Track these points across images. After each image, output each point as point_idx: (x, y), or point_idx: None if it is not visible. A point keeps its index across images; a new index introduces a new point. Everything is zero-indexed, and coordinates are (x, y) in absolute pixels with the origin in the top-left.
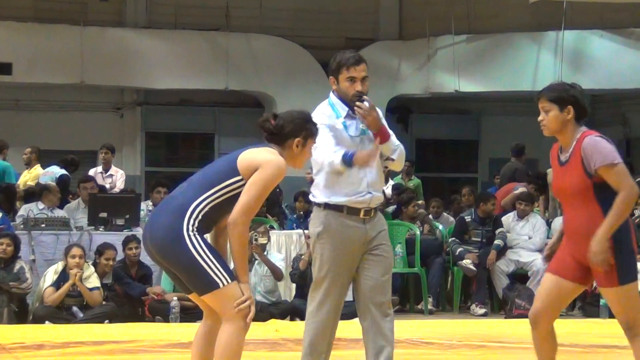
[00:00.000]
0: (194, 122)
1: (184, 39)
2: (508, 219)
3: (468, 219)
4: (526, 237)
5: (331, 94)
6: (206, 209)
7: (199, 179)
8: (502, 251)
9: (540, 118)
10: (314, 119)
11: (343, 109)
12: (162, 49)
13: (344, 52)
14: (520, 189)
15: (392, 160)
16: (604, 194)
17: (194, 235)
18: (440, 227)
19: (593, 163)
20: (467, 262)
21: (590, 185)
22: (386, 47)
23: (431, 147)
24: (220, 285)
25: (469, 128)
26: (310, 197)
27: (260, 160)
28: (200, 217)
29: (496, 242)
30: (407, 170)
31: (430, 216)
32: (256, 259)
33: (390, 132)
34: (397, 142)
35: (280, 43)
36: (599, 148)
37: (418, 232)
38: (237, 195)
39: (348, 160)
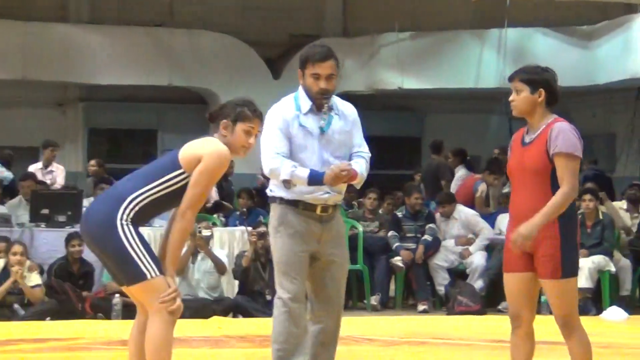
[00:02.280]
0: (137, 118)
1: (127, 35)
2: (438, 218)
3: (400, 214)
4: (457, 234)
5: (299, 88)
6: (144, 202)
7: (141, 172)
8: (436, 247)
9: (511, 98)
10: (271, 112)
11: (306, 104)
12: (106, 45)
13: (314, 45)
14: (481, 184)
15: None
16: (558, 180)
17: (127, 225)
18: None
19: (554, 146)
20: (396, 259)
21: (549, 167)
22: (330, 44)
23: (374, 143)
24: (148, 276)
25: (413, 125)
26: (267, 192)
27: (201, 151)
28: (136, 208)
29: (424, 237)
30: None
31: (381, 211)
32: (199, 253)
33: (355, 132)
34: (362, 169)
35: (224, 39)
36: (566, 135)
37: (361, 229)
38: (177, 190)
39: (318, 181)
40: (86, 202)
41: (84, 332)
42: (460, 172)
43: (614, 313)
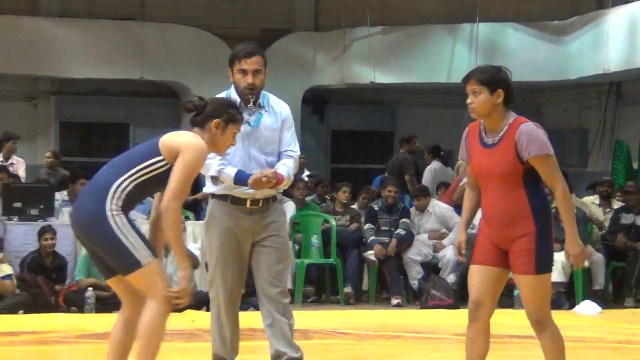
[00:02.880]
0: (109, 112)
1: (99, 29)
2: (413, 212)
3: (376, 207)
4: (431, 228)
5: (232, 86)
6: (129, 187)
7: (119, 160)
8: (409, 241)
9: (469, 101)
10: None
11: (236, 100)
12: (77, 38)
13: (240, 44)
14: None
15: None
16: (530, 180)
17: (118, 214)
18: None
19: (527, 152)
20: (369, 253)
21: (520, 170)
22: (302, 38)
23: (346, 138)
24: (143, 263)
25: (384, 119)
26: (204, 188)
27: (181, 144)
28: (123, 196)
29: (397, 231)
30: None
31: (356, 206)
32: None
33: (285, 131)
34: (288, 169)
35: (196, 33)
36: (535, 137)
37: (334, 223)
38: (159, 176)
39: (243, 182)
40: (58, 196)
41: (57, 326)
42: (434, 165)
43: (588, 307)
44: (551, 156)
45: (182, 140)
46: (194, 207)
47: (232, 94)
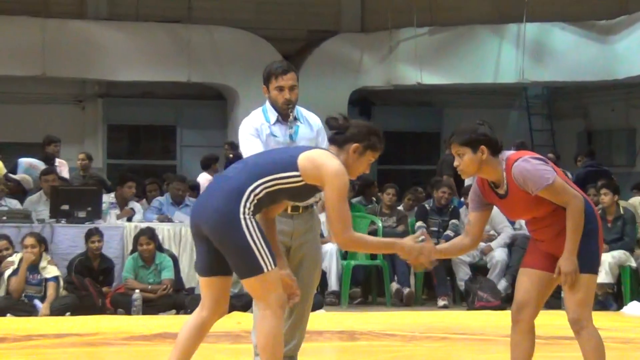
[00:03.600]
0: (156, 114)
1: (146, 31)
2: (463, 211)
3: (427, 207)
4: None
5: (266, 101)
6: (261, 194)
7: (255, 163)
8: None
9: (455, 163)
10: (243, 124)
11: (273, 115)
12: (124, 41)
13: (274, 62)
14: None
15: None
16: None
17: (250, 218)
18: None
19: (530, 190)
20: None
21: (541, 199)
22: (348, 40)
23: (393, 139)
24: (265, 270)
25: (431, 120)
26: None
27: (323, 170)
28: (255, 201)
29: (446, 232)
30: None
31: (401, 207)
32: None
33: (320, 140)
34: None
35: (242, 35)
36: (528, 175)
37: (380, 224)
38: (291, 189)
39: None
40: (105, 198)
41: (104, 328)
42: None
43: (635, 308)
44: (551, 184)
45: (323, 166)
46: None
47: (268, 109)
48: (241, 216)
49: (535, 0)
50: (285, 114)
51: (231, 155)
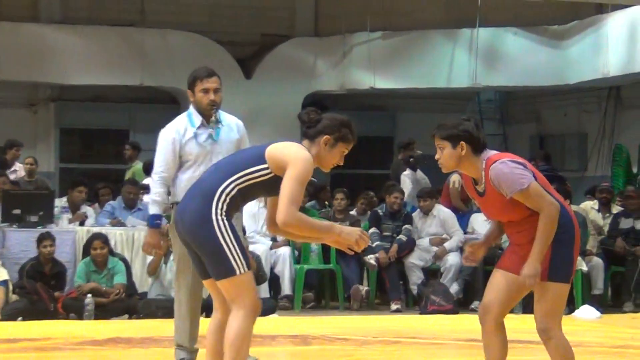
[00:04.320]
0: (109, 118)
1: (99, 35)
2: (416, 215)
3: (380, 212)
4: (434, 232)
5: (190, 106)
6: (233, 192)
7: (226, 162)
8: (410, 246)
9: (436, 156)
10: (165, 130)
11: (198, 119)
12: (77, 45)
13: (198, 68)
14: (454, 175)
15: None
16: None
17: (222, 219)
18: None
19: (505, 192)
20: (369, 257)
21: (516, 202)
22: (302, 44)
23: None
24: (237, 272)
25: (385, 125)
26: (171, 198)
27: (288, 156)
28: (227, 200)
29: (398, 237)
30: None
31: (354, 212)
32: (172, 253)
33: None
34: None
35: (196, 39)
36: (503, 178)
37: None
38: (262, 183)
39: (150, 223)
40: (57, 202)
41: (56, 333)
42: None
43: (587, 312)
44: (526, 189)
45: (289, 153)
46: None
47: (192, 113)
48: (213, 217)
49: (488, 5)
50: (208, 116)
51: None
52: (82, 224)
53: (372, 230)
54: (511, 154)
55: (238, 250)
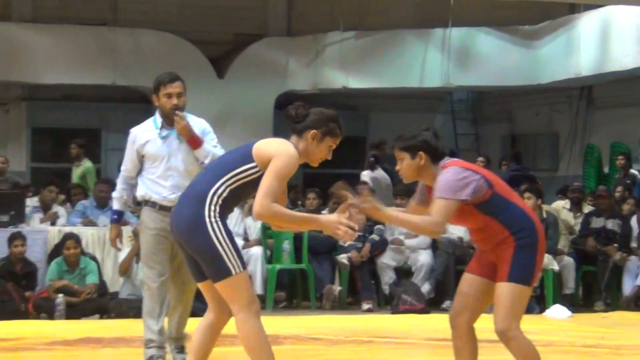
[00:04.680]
0: (80, 117)
1: (70, 34)
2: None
3: None
4: (406, 231)
5: (156, 111)
6: (225, 193)
7: (216, 164)
8: (383, 246)
9: (397, 167)
10: (132, 132)
11: (160, 121)
12: (48, 44)
13: (163, 73)
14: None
15: (205, 164)
16: (491, 209)
17: (216, 221)
18: None
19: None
20: (341, 256)
21: (473, 209)
22: (274, 43)
23: None
24: (233, 273)
25: (357, 124)
26: (137, 195)
27: (272, 151)
28: (220, 202)
29: (371, 236)
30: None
31: (326, 212)
32: None
33: (213, 139)
34: (210, 150)
35: (168, 38)
36: (440, 183)
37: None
38: (253, 182)
39: (110, 218)
40: (29, 202)
41: (27, 333)
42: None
43: (557, 311)
44: (441, 199)
45: (274, 147)
46: None
47: (157, 117)
48: (207, 220)
49: (461, 5)
50: (171, 119)
51: None
52: (53, 223)
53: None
54: (465, 162)
55: (233, 251)
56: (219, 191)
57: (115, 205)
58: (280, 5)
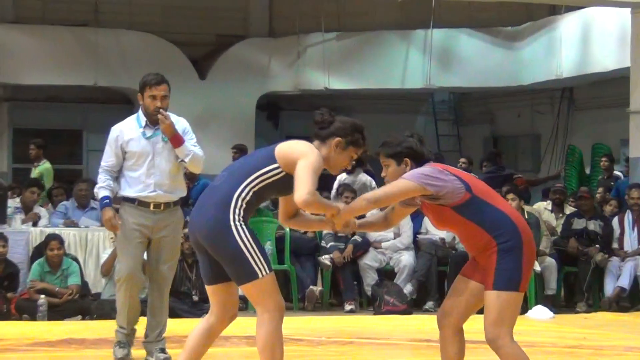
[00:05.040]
0: (62, 118)
1: (53, 35)
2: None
3: None
4: (390, 233)
5: (139, 109)
6: (249, 196)
7: (238, 167)
8: (365, 247)
9: (382, 174)
10: (114, 129)
11: (143, 120)
12: (30, 45)
13: (149, 73)
14: None
15: (185, 162)
16: (470, 212)
17: (240, 225)
18: None
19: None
20: (324, 257)
21: (453, 213)
22: (256, 44)
23: None
24: (259, 275)
25: None
26: (118, 193)
27: (300, 151)
28: (244, 205)
29: (353, 237)
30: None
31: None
32: None
33: (192, 138)
34: (191, 149)
35: (150, 39)
36: (413, 171)
37: (287, 229)
38: (275, 183)
39: (100, 204)
40: (10, 203)
41: (9, 334)
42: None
43: (540, 312)
44: (402, 180)
45: (301, 148)
46: None
47: (140, 115)
48: (231, 224)
49: (442, 6)
50: (155, 119)
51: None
52: (35, 224)
53: (327, 230)
54: (447, 166)
55: (259, 253)
56: (243, 194)
57: (104, 192)
58: (262, 6)
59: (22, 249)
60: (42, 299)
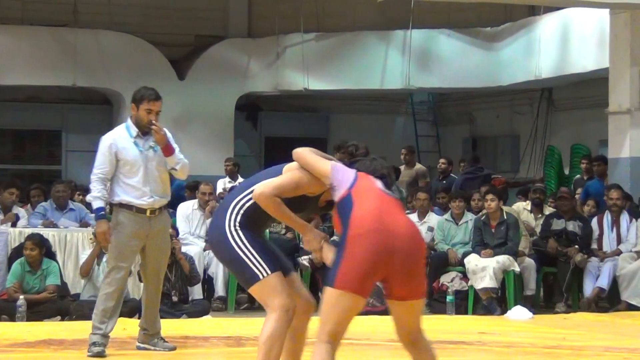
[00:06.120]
0: (41, 119)
1: (31, 35)
2: None
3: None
4: None
5: (128, 118)
6: (247, 204)
7: (245, 181)
8: None
9: None
10: (106, 137)
11: (135, 131)
12: (9, 45)
13: (147, 87)
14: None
15: (175, 170)
16: (339, 210)
17: (236, 230)
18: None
19: None
20: (303, 258)
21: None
22: (235, 45)
23: (280, 144)
24: (260, 277)
25: (318, 126)
26: (110, 199)
27: (295, 166)
28: (241, 211)
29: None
30: None
31: None
32: (104, 254)
33: (176, 147)
34: (181, 157)
35: (129, 40)
36: None
37: (267, 231)
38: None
39: (96, 216)
40: None
41: None
42: None
43: (519, 312)
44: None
45: (298, 166)
46: None
47: (130, 125)
48: (226, 230)
49: (421, 6)
50: (146, 131)
51: None
52: (14, 225)
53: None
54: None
55: (257, 256)
56: (241, 202)
57: (99, 203)
58: (241, 7)
59: (1, 249)
60: (21, 299)
